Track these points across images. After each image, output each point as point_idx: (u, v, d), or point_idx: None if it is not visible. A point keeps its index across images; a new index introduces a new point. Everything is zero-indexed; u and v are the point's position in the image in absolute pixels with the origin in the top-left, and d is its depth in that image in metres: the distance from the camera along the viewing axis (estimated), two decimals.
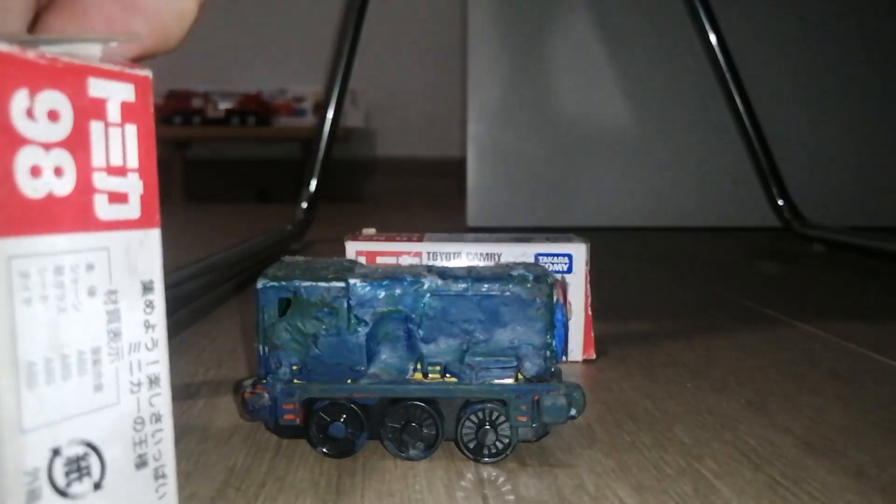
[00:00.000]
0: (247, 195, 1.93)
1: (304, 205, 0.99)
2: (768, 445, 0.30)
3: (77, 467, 0.18)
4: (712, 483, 0.27)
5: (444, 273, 0.29)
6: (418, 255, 0.41)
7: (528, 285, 0.28)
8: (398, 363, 0.29)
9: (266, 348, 0.29)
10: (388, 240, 0.42)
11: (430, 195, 1.92)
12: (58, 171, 0.18)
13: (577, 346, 0.43)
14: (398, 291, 0.29)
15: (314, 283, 0.28)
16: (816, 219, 1.02)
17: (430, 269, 0.30)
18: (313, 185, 1.00)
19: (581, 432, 0.32)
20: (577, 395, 0.28)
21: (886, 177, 1.23)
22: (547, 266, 0.41)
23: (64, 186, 0.18)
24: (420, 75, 1.99)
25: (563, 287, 0.39)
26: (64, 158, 0.18)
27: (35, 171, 0.17)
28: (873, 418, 0.34)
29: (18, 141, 0.17)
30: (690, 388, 0.38)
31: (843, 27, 1.20)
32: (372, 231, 0.44)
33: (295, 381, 0.29)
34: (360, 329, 0.28)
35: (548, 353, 0.29)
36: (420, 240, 0.42)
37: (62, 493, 0.18)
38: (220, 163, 1.98)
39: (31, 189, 0.17)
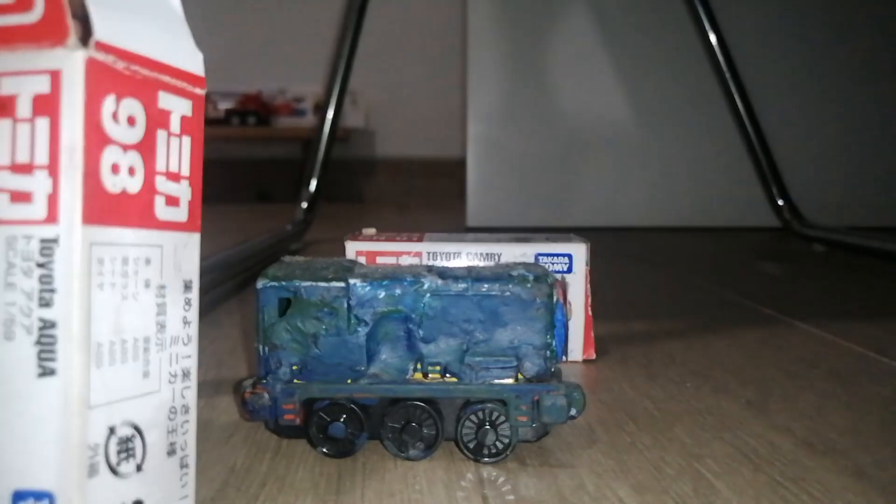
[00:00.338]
0: (247, 195, 1.93)
1: (304, 205, 0.99)
2: (768, 445, 0.30)
3: (126, 447, 0.20)
4: (712, 483, 0.27)
5: (444, 273, 0.29)
6: (418, 255, 0.41)
7: (528, 285, 0.28)
8: (398, 363, 0.29)
9: (266, 348, 0.29)
10: (388, 240, 0.42)
11: (430, 195, 1.92)
12: (131, 171, 0.19)
13: (577, 346, 0.43)
14: (398, 291, 0.29)
15: (314, 283, 0.28)
16: (816, 219, 1.02)
17: (430, 269, 0.30)
18: (313, 185, 1.00)
19: (581, 432, 0.32)
20: (577, 395, 0.28)
21: (886, 177, 1.23)
22: (547, 266, 0.41)
23: (135, 185, 0.20)
24: (420, 75, 1.99)
25: (563, 287, 0.39)
26: (136, 160, 0.20)
27: (115, 169, 0.19)
28: (873, 418, 0.34)
29: (105, 140, 0.19)
30: (690, 388, 0.38)
31: (842, 27, 1.20)
32: (372, 231, 0.44)
33: (295, 381, 0.29)
34: (360, 329, 0.28)
35: (548, 353, 0.29)
36: (420, 240, 0.42)
37: (113, 471, 0.19)
38: (220, 163, 1.97)
39: (111, 184, 0.19)
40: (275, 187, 1.94)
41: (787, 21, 1.20)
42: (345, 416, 0.28)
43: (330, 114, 1.00)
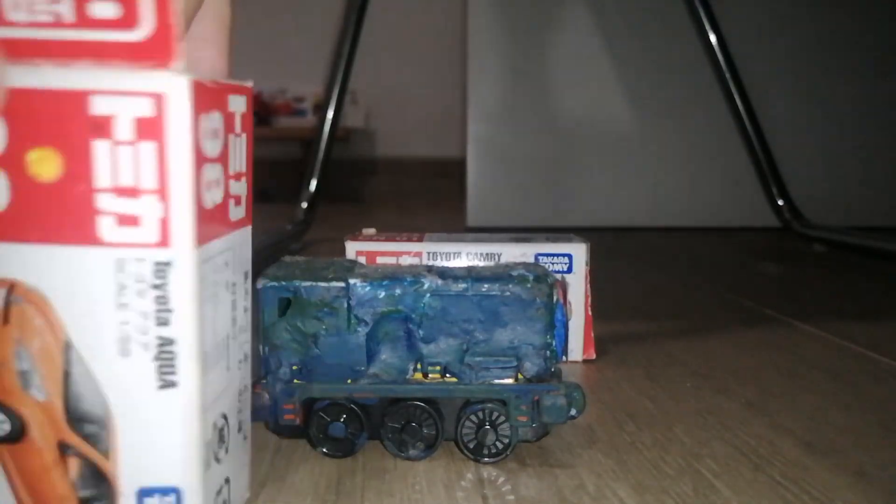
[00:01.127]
0: None
1: (304, 205, 0.99)
2: (768, 445, 0.30)
3: (220, 436, 0.21)
4: (712, 483, 0.27)
5: (444, 273, 0.29)
6: (418, 255, 0.41)
7: (528, 285, 0.28)
8: (398, 363, 0.29)
9: (266, 348, 0.29)
10: (388, 240, 0.42)
11: (430, 195, 1.92)
12: (217, 184, 0.20)
13: (577, 346, 0.43)
14: (398, 291, 0.29)
15: (314, 283, 0.28)
16: (816, 219, 1.02)
17: (430, 269, 0.30)
18: (313, 185, 1.00)
19: (581, 432, 0.32)
20: (577, 395, 0.28)
21: (886, 177, 1.23)
22: (547, 266, 0.41)
23: (219, 195, 0.20)
24: (420, 75, 1.99)
25: (563, 287, 0.39)
26: (219, 171, 0.20)
27: (209, 185, 0.19)
28: (873, 418, 0.34)
29: (203, 159, 0.18)
30: (690, 388, 0.38)
31: (843, 27, 1.20)
32: (372, 231, 0.44)
33: (295, 381, 0.29)
34: (360, 329, 0.28)
35: (548, 353, 0.29)
36: (420, 240, 0.42)
37: (217, 460, 0.21)
38: None
39: (209, 201, 0.19)
40: (275, 187, 1.94)
41: (787, 21, 1.20)
42: (345, 416, 0.28)
43: (330, 114, 1.00)
